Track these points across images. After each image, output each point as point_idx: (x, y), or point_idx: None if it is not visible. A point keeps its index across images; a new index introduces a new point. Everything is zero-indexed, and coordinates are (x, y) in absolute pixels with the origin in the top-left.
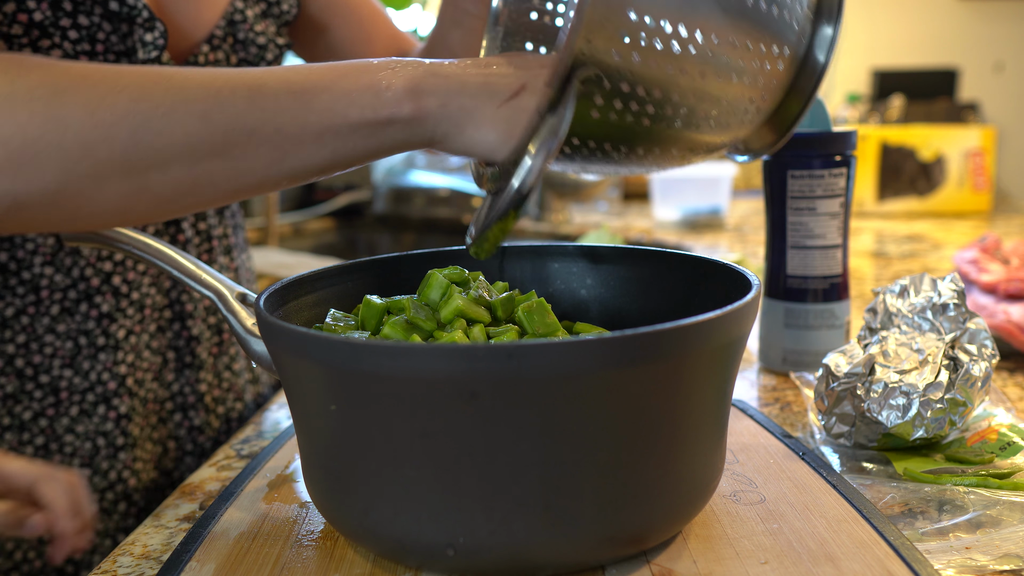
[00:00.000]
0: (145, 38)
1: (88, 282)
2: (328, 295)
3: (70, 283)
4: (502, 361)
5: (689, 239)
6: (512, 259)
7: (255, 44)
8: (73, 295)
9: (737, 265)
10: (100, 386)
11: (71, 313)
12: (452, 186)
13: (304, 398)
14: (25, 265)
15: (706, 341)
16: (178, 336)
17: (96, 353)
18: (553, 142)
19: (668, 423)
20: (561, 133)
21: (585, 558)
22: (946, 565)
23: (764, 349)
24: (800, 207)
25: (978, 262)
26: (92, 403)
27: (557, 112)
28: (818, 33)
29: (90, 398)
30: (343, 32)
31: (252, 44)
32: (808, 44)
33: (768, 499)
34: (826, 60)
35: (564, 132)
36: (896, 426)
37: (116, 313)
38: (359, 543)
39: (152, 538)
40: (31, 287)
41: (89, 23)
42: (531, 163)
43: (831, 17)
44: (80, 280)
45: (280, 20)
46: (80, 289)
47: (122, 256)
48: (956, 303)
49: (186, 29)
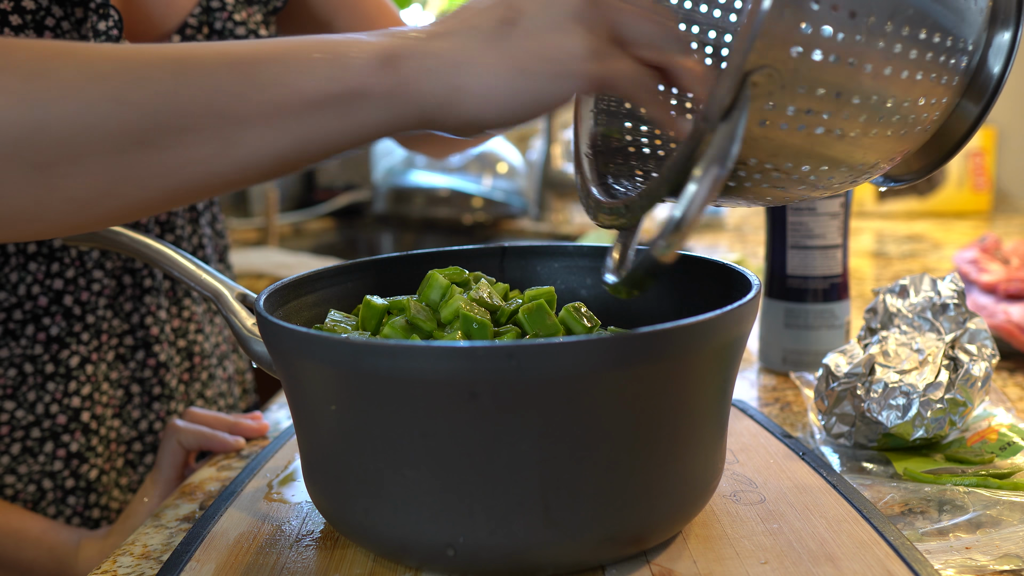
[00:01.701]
0: (98, 26)
1: (35, 301)
2: (328, 295)
3: (15, 302)
4: (502, 361)
5: (689, 239)
6: (512, 259)
7: (233, 35)
8: (18, 316)
9: (737, 265)
10: (48, 419)
11: (15, 336)
12: (452, 186)
13: (304, 398)
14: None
15: (706, 341)
16: (142, 366)
17: (44, 382)
18: (726, 162)
19: (668, 423)
20: (734, 151)
21: (585, 558)
22: (946, 565)
23: (764, 349)
24: (800, 207)
25: (978, 262)
26: (37, 440)
27: (727, 123)
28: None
29: (35, 434)
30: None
31: (231, 35)
32: (982, 52)
33: (768, 499)
34: (1003, 71)
35: (736, 149)
36: (896, 426)
37: (68, 338)
38: (359, 543)
39: (152, 538)
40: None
41: (36, 6)
42: (696, 189)
43: (1007, 20)
44: (27, 299)
45: (267, 7)
46: (26, 309)
47: (74, 274)
48: (956, 303)
49: (154, 17)
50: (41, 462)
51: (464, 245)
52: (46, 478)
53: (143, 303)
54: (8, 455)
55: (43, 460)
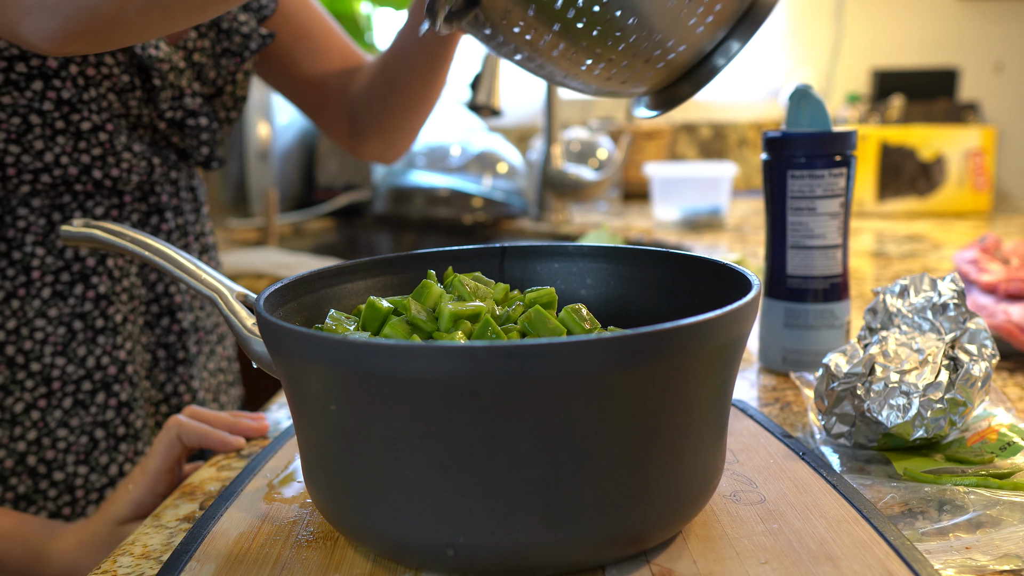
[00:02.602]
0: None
1: (83, 262)
2: (328, 295)
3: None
4: (502, 361)
5: (689, 239)
6: (512, 259)
7: (239, 33)
8: (66, 277)
9: (737, 265)
10: (99, 371)
11: (64, 297)
12: (452, 186)
13: (304, 398)
14: (16, 245)
15: (706, 341)
16: (167, 331)
17: (94, 337)
18: None
19: (668, 423)
20: None
21: (585, 558)
22: (946, 565)
23: (764, 349)
24: (800, 207)
25: (978, 262)
26: (89, 392)
27: None
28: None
29: (86, 386)
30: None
31: (236, 33)
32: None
33: (768, 499)
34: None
35: None
36: (896, 426)
37: (112, 296)
38: (359, 543)
39: (152, 538)
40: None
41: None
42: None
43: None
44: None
45: (259, 15)
46: (74, 271)
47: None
48: (956, 303)
49: None
50: (94, 413)
51: (464, 245)
52: (99, 427)
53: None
54: (61, 408)
55: (95, 411)
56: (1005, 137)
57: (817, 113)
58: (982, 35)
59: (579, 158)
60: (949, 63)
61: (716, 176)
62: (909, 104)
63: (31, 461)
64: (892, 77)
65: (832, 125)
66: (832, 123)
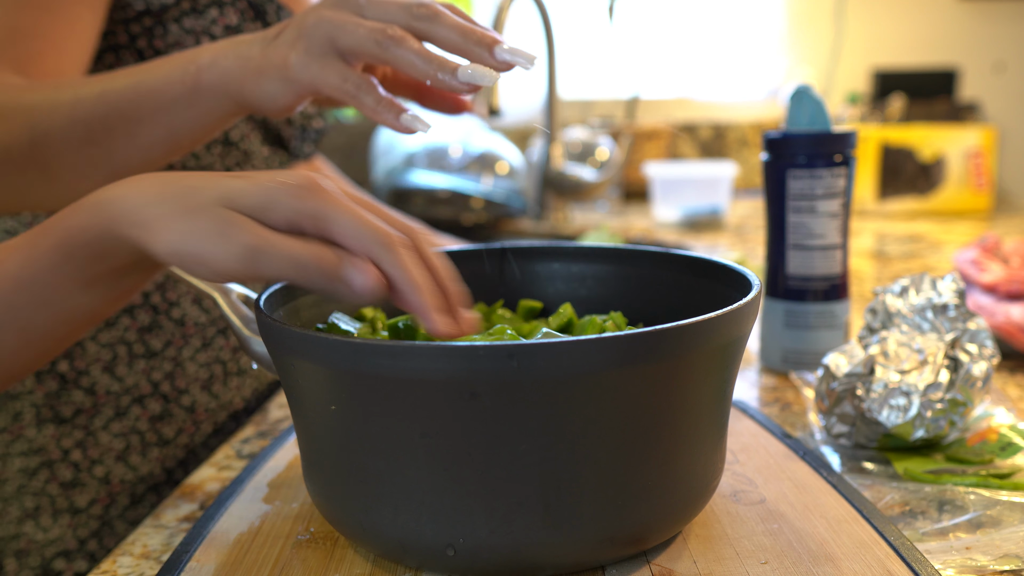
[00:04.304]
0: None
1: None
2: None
3: None
4: (502, 361)
5: (689, 239)
6: (512, 259)
7: None
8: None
9: (737, 265)
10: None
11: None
12: (452, 186)
13: (304, 398)
14: None
15: (706, 341)
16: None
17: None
18: None
19: (668, 423)
20: None
21: (585, 558)
22: (946, 565)
23: (764, 349)
24: (800, 207)
25: (978, 262)
26: (211, 336)
27: None
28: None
29: (210, 332)
30: None
31: None
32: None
33: (768, 499)
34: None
35: None
36: (896, 426)
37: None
38: (359, 543)
39: (152, 538)
40: None
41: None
42: None
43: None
44: None
45: None
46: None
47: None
48: (956, 303)
49: None
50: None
51: (464, 245)
52: (217, 364)
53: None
54: (191, 347)
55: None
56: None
57: (817, 113)
58: (982, 35)
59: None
60: (949, 63)
61: (716, 176)
62: (909, 104)
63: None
64: (892, 77)
65: (832, 125)
66: (832, 123)
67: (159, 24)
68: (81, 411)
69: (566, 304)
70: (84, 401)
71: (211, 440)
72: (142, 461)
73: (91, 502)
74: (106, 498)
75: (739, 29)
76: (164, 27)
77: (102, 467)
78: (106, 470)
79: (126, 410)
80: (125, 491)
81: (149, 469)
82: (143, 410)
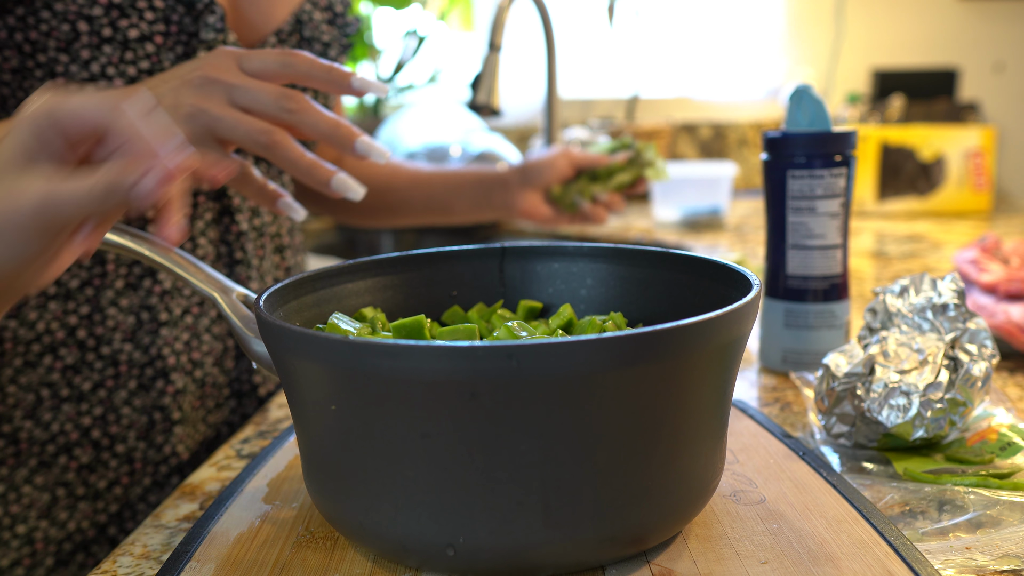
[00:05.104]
0: (208, 20)
1: (53, 335)
2: (328, 295)
3: (33, 337)
4: (502, 361)
5: (689, 239)
6: (512, 259)
7: (319, 41)
8: (137, 270)
9: (737, 265)
10: (160, 360)
11: (135, 288)
12: None
13: (304, 398)
14: None
15: (706, 341)
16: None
17: (158, 328)
18: None
19: (668, 423)
20: None
21: (585, 558)
22: (946, 565)
23: (764, 349)
24: (800, 207)
25: (978, 262)
26: (151, 377)
27: None
28: None
29: (149, 372)
30: None
31: (317, 41)
32: None
33: (768, 499)
34: None
35: None
36: (896, 426)
37: (174, 291)
38: (359, 543)
39: (152, 538)
40: (97, 259)
41: (164, 5)
42: None
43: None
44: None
45: (342, 31)
46: (144, 265)
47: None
48: (956, 303)
49: (256, 22)
50: (153, 397)
51: (464, 245)
52: (156, 410)
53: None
54: (126, 389)
55: (154, 395)
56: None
57: (817, 113)
58: (982, 35)
59: None
60: (949, 63)
61: (716, 176)
62: (909, 104)
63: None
64: (892, 77)
65: (832, 125)
66: (832, 123)
67: (31, 12)
68: (1, 462)
69: (566, 304)
70: (4, 450)
71: (150, 494)
72: (69, 517)
73: (13, 563)
74: (28, 559)
75: (739, 29)
76: (36, 15)
77: (24, 525)
78: (29, 528)
79: (52, 460)
80: (50, 551)
81: (78, 525)
82: (71, 460)
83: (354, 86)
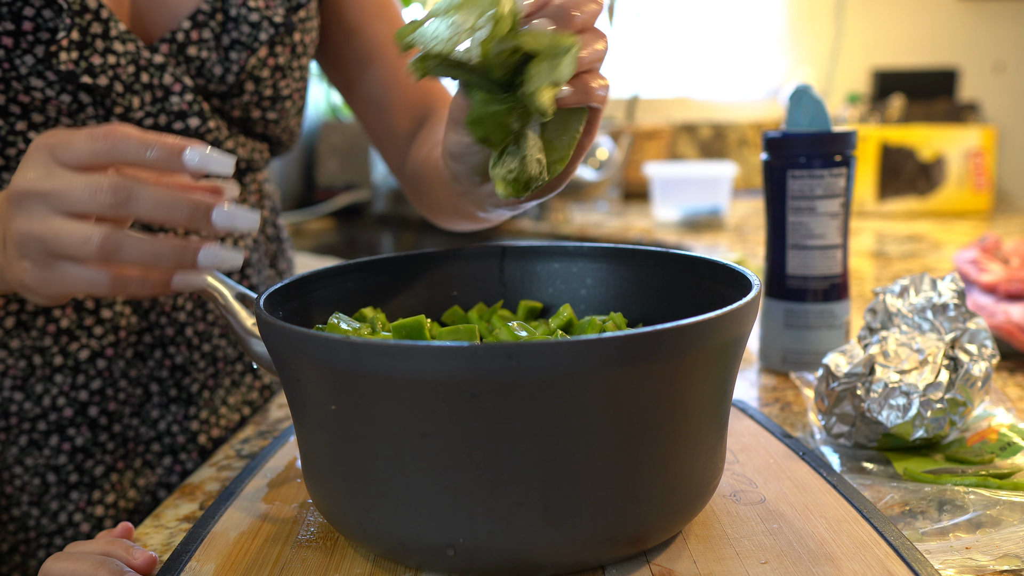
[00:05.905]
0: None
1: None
2: (328, 295)
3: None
4: (502, 361)
5: (689, 239)
6: (512, 259)
7: (247, 22)
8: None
9: (737, 265)
10: (54, 412)
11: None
12: None
13: (304, 398)
14: None
15: (706, 341)
16: (160, 365)
17: (52, 375)
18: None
19: (668, 423)
20: None
21: (585, 558)
22: (946, 565)
23: (764, 349)
24: (800, 207)
25: (978, 262)
26: (43, 432)
27: None
28: None
29: (41, 427)
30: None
31: (244, 21)
32: None
33: (768, 499)
34: None
35: None
36: (896, 426)
37: (78, 330)
38: (359, 543)
39: (152, 538)
40: None
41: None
42: None
43: None
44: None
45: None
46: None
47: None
48: (956, 303)
49: (168, 2)
50: (46, 455)
51: (464, 245)
52: (51, 471)
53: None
54: (16, 446)
55: (48, 454)
56: (1005, 137)
57: (817, 113)
58: (982, 35)
59: None
60: (949, 63)
61: (716, 176)
62: (909, 104)
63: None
64: (892, 77)
65: (832, 125)
66: (832, 123)
67: None
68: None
69: (566, 304)
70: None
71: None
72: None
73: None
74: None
75: (739, 29)
76: None
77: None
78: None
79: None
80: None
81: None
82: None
83: (188, 163)
